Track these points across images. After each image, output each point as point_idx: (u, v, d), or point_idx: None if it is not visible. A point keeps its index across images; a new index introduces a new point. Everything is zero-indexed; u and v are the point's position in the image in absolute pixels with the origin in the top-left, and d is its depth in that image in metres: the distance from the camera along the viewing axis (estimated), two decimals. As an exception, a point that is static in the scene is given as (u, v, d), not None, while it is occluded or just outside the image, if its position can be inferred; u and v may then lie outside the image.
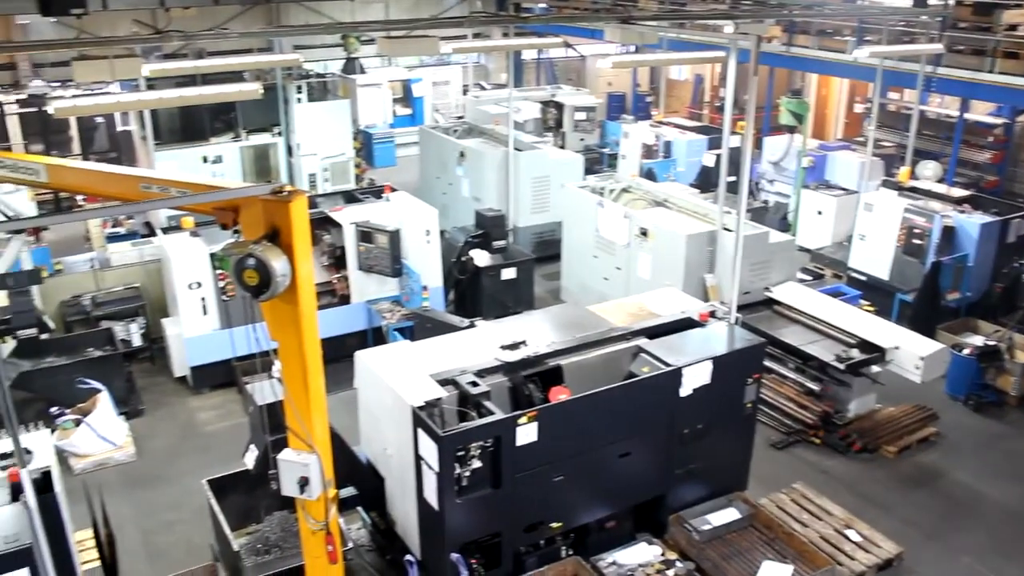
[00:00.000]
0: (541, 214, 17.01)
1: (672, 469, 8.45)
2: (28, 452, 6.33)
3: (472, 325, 9.84)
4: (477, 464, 7.18)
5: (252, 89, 13.12)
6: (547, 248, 16.53)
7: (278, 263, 5.30)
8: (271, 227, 5.41)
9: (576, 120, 23.04)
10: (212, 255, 11.75)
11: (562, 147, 20.96)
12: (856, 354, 10.87)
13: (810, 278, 15.59)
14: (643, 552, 8.07)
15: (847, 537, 9.00)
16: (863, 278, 14.95)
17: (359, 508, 8.79)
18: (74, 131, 21.83)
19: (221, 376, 12.38)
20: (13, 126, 21.28)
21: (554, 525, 7.90)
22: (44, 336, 12.18)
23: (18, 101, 21.14)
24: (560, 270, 15.41)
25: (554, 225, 16.32)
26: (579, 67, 30.77)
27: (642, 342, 8.58)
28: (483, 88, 26.91)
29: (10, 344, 11.76)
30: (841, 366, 10.73)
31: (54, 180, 6.97)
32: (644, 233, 12.89)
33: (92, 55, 11.67)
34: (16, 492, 6.23)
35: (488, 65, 30.92)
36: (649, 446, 8.23)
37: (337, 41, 22.27)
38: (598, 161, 22.50)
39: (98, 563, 7.76)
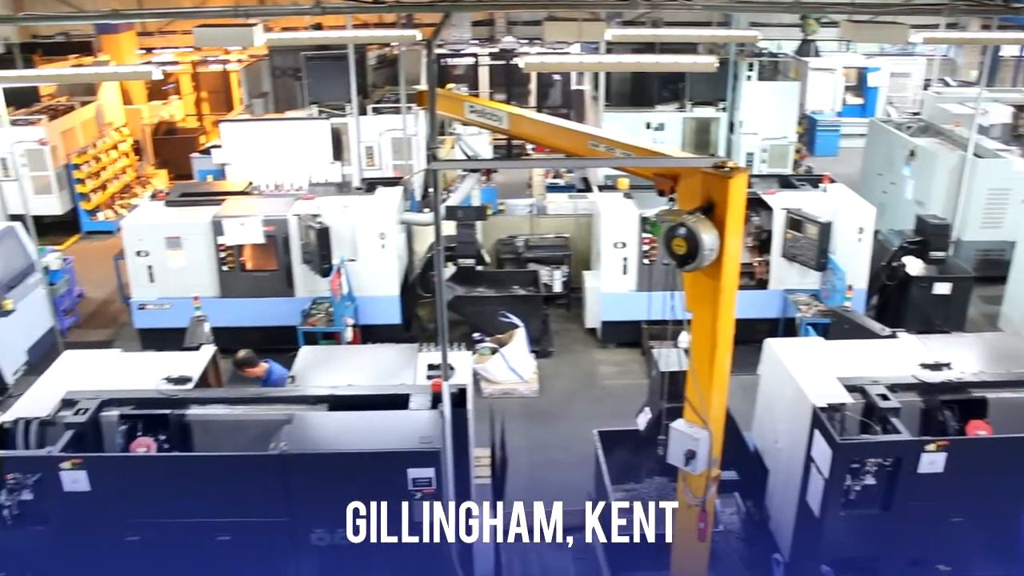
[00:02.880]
0: (992, 230, 15.42)
1: (1101, 542, 7.36)
2: (451, 368, 6.95)
3: (893, 335, 9.21)
4: (870, 480, 6.74)
5: (707, 62, 13.18)
6: (991, 268, 14.97)
7: (708, 236, 5.31)
8: (707, 200, 5.42)
9: (1056, 130, 20.48)
10: (643, 218, 12.12)
11: (1031, 159, 18.77)
12: None
13: None
14: (1040, 625, 7.16)
15: None
16: None
17: (736, 494, 8.65)
18: (533, 85, 23.46)
19: (629, 335, 12.80)
20: (483, 76, 23.36)
21: (942, 567, 7.24)
22: (479, 268, 13.30)
23: (490, 54, 23.13)
24: (1003, 295, 13.90)
25: (1005, 244, 14.70)
26: (1070, 70, 27.26)
27: (1092, 392, 7.51)
28: (947, 84, 24.79)
29: (450, 269, 13.01)
30: None
31: (514, 128, 7.51)
32: (1118, 269, 11.24)
33: (561, 17, 12.36)
34: (436, 401, 6.90)
35: (957, 59, 28.38)
36: (1075, 510, 7.23)
37: (796, 21, 21.65)
38: (1073, 180, 19.88)
39: (488, 481, 8.36)
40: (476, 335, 12.41)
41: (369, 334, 12.28)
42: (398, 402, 7.03)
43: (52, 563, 7.17)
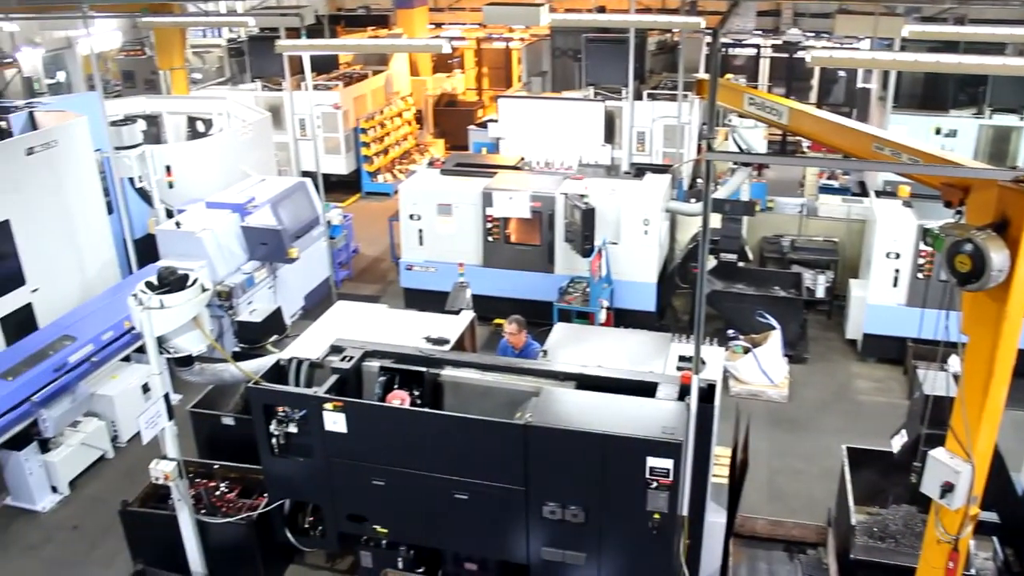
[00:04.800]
0: None
1: None
2: (703, 362, 6.86)
3: None
4: None
5: (1019, 65, 12.10)
6: None
7: (998, 256, 4.91)
8: (1000, 216, 5.01)
9: None
10: (924, 229, 11.37)
11: None
12: None
13: None
14: None
15: None
16: None
17: (995, 538, 8.00)
18: (815, 81, 22.55)
19: (892, 351, 12.12)
20: (763, 68, 22.71)
21: None
22: (740, 264, 13.02)
23: (773, 46, 22.44)
24: None
25: None
26: None
27: None
28: None
29: (711, 263, 12.81)
30: None
31: (792, 123, 7.28)
32: None
33: (855, 10, 11.79)
34: (683, 393, 6.85)
35: None
36: None
37: None
38: None
39: (725, 481, 8.20)
40: (730, 332, 12.18)
41: (622, 318, 12.34)
42: (645, 389, 7.04)
43: (309, 493, 7.79)
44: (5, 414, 9.11)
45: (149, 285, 7.14)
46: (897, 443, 7.71)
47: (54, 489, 10.05)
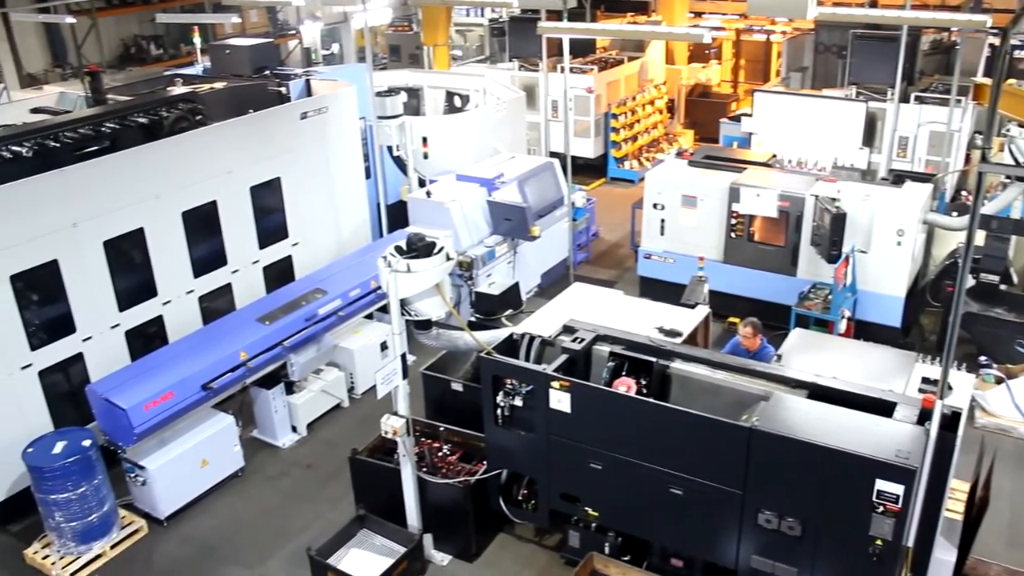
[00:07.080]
0: None
1: None
2: (949, 387, 6.42)
3: None
4: None
5: None
6: None
7: None
8: None
9: None
10: None
11: None
12: None
13: None
14: None
15: None
16: None
17: None
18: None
19: None
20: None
21: None
22: (1002, 287, 12.02)
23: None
24: None
25: None
26: None
27: None
28: None
29: (969, 282, 11.91)
30: None
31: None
32: None
33: None
34: (923, 417, 6.45)
35: None
36: None
37: None
38: None
39: (959, 517, 7.67)
40: (982, 359, 11.29)
41: (863, 330, 11.75)
42: (882, 408, 6.72)
43: (526, 466, 7.97)
44: (261, 354, 9.90)
45: (398, 249, 7.51)
46: None
47: (294, 429, 10.84)
